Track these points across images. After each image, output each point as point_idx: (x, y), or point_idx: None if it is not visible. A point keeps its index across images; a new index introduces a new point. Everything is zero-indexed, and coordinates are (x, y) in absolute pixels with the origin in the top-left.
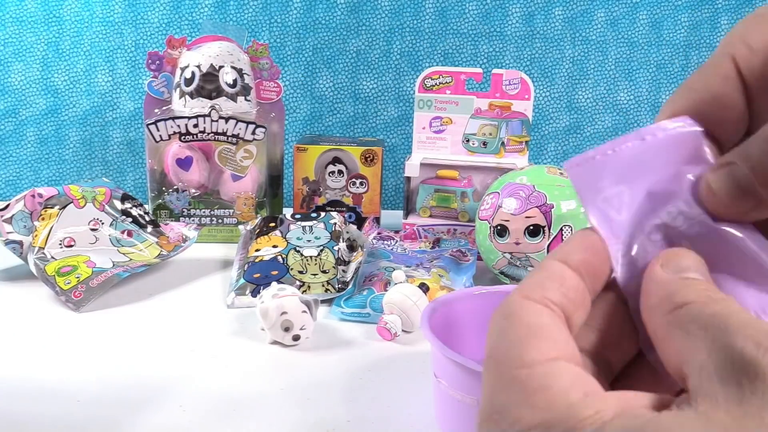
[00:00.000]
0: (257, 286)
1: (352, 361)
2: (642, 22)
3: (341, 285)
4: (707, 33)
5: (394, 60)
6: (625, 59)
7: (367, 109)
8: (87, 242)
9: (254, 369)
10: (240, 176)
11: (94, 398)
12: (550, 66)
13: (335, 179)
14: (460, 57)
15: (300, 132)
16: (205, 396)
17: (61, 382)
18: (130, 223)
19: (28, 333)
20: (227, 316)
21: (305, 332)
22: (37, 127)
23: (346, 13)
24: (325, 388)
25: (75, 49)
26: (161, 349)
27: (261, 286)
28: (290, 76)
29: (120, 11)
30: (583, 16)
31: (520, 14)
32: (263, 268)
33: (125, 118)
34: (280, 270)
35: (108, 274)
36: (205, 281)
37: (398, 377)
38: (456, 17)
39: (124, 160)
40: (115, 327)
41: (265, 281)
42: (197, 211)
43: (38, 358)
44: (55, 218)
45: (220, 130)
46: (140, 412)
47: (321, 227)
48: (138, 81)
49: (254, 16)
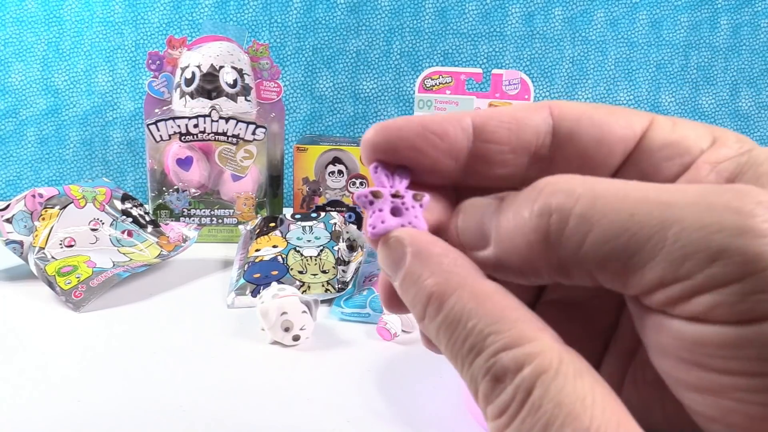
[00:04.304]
0: (257, 286)
1: (352, 361)
2: (642, 22)
3: (341, 285)
4: (707, 33)
5: (394, 60)
6: (624, 59)
7: (367, 109)
8: (87, 242)
9: (254, 369)
10: (240, 176)
11: (94, 398)
12: (550, 66)
13: (335, 179)
14: (460, 57)
15: (300, 132)
16: (205, 396)
17: (61, 382)
18: (131, 223)
19: (28, 333)
20: (227, 316)
21: (305, 332)
22: (38, 127)
23: (346, 13)
24: (325, 389)
25: (75, 49)
26: (161, 349)
27: (261, 286)
28: (290, 76)
29: (120, 11)
30: (582, 16)
31: (520, 14)
32: (263, 268)
33: (125, 118)
34: (280, 270)
35: (108, 274)
36: (205, 281)
37: (398, 377)
38: (456, 17)
39: (125, 160)
40: (115, 327)
41: (265, 281)
42: (197, 211)
43: (38, 358)
44: (55, 218)
45: (220, 130)
46: (140, 412)
47: (321, 227)
48: (138, 81)
49: (254, 16)
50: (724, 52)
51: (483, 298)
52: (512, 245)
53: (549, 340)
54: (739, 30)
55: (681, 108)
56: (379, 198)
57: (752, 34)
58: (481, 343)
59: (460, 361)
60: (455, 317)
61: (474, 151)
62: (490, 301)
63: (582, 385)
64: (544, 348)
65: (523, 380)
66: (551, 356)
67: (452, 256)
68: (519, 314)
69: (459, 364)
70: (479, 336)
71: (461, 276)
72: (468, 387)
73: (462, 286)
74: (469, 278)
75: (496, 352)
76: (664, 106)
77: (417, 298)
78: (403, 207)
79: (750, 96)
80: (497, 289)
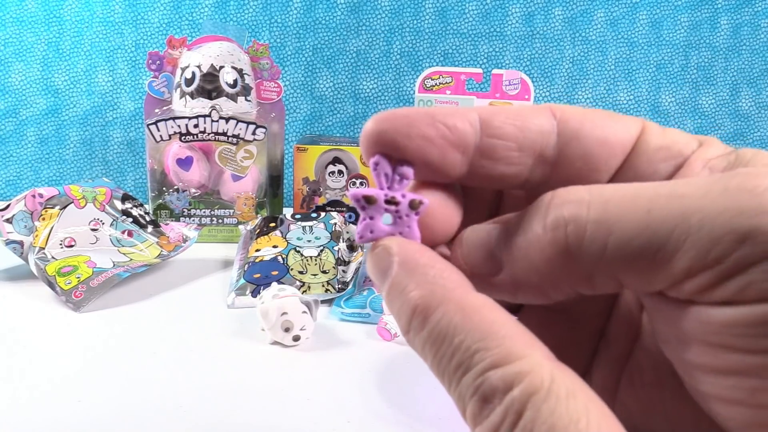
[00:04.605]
0: (257, 286)
1: (352, 362)
2: (642, 22)
3: (341, 285)
4: (707, 33)
5: (394, 60)
6: (624, 59)
7: (367, 109)
8: (87, 242)
9: (254, 369)
10: (240, 176)
11: (94, 398)
12: (550, 66)
13: (335, 179)
14: (460, 57)
15: (300, 132)
16: (205, 396)
17: (61, 382)
18: (131, 223)
19: (28, 333)
20: (227, 316)
21: (305, 333)
22: (38, 127)
23: (346, 13)
24: (325, 389)
25: (75, 49)
26: (161, 349)
27: (261, 286)
28: (290, 76)
29: (120, 11)
30: (583, 16)
31: (520, 14)
32: (263, 268)
33: (125, 118)
34: (281, 270)
35: (108, 274)
36: (205, 281)
37: (398, 378)
38: (456, 17)
39: (125, 160)
40: (115, 327)
41: (266, 281)
42: (197, 211)
43: (38, 358)
44: (55, 218)
45: (220, 131)
46: (140, 412)
47: (321, 227)
48: (138, 81)
49: (254, 16)
50: (724, 52)
51: (470, 312)
52: (529, 263)
53: (539, 357)
54: (739, 30)
55: (681, 108)
56: (372, 204)
57: (752, 34)
58: (468, 361)
59: (447, 378)
60: (441, 332)
61: (481, 146)
62: (477, 315)
63: (575, 406)
64: (534, 366)
65: (513, 401)
66: (542, 375)
67: (439, 267)
68: (508, 329)
69: (446, 381)
70: (466, 353)
71: (447, 288)
72: (456, 405)
73: (448, 299)
74: (456, 291)
75: (484, 370)
76: (664, 106)
77: (401, 311)
78: (397, 216)
79: (750, 96)
80: (485, 302)
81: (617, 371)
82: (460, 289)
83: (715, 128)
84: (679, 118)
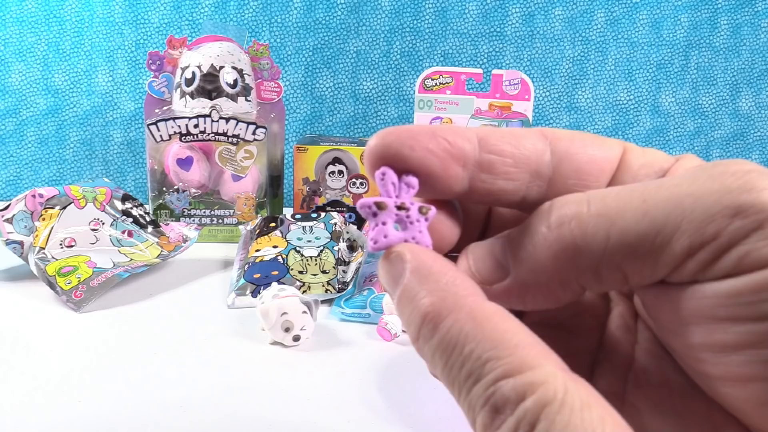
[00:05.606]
0: (257, 286)
1: (352, 362)
2: (642, 22)
3: (341, 285)
4: (707, 33)
5: (394, 60)
6: (624, 59)
7: (367, 109)
8: (87, 242)
9: (254, 369)
10: (240, 176)
11: (94, 398)
12: (550, 66)
13: (335, 179)
14: (460, 57)
15: (300, 132)
16: (205, 396)
17: (61, 382)
18: (131, 223)
19: (28, 333)
20: (227, 316)
21: (305, 333)
22: (38, 127)
23: (346, 13)
24: (326, 389)
25: (75, 49)
26: (161, 349)
27: (261, 286)
28: (290, 76)
29: (120, 11)
30: (583, 16)
31: (520, 14)
32: (263, 268)
33: (126, 118)
34: (281, 270)
35: (108, 274)
36: (205, 281)
37: (398, 378)
38: (456, 17)
39: (125, 160)
40: (115, 327)
41: (266, 281)
42: (197, 211)
43: (39, 359)
44: (55, 218)
45: (220, 131)
46: (141, 412)
47: (321, 227)
48: (138, 81)
49: (254, 16)
50: (724, 52)
51: (481, 320)
52: (536, 263)
53: (552, 368)
54: (739, 30)
55: (681, 108)
56: (383, 210)
57: (752, 34)
58: (479, 370)
59: (456, 387)
60: (451, 340)
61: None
62: (489, 324)
63: (590, 418)
64: (547, 376)
65: (525, 412)
66: (555, 386)
67: (451, 275)
68: (520, 338)
69: (456, 390)
70: (477, 362)
71: (459, 296)
72: (465, 415)
73: (459, 306)
74: (468, 298)
75: (496, 380)
76: (664, 106)
77: (412, 318)
78: (408, 221)
79: (750, 96)
80: (497, 311)
81: (623, 376)
82: (473, 297)
83: (715, 128)
84: (679, 118)
